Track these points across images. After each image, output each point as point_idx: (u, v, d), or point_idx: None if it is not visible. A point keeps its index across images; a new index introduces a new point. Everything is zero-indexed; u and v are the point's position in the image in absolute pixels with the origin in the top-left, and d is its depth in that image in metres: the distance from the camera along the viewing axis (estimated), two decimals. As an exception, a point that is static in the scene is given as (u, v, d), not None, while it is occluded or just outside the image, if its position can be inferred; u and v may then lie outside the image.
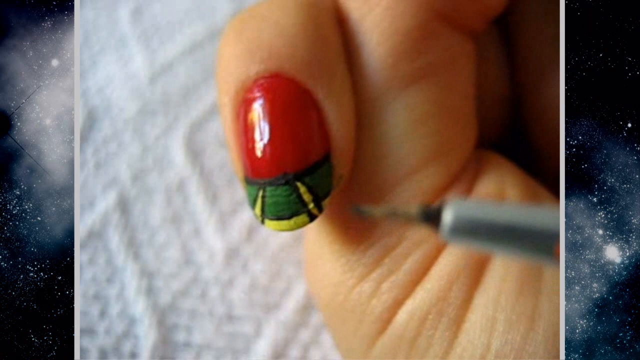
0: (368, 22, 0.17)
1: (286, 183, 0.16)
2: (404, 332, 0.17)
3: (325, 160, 0.16)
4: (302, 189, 0.16)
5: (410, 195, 0.17)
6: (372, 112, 0.17)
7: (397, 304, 0.17)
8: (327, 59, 0.17)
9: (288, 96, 0.16)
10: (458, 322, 0.16)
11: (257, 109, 0.16)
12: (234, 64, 0.16)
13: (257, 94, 0.16)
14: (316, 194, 0.16)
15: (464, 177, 0.18)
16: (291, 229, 0.16)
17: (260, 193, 0.16)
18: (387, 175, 0.17)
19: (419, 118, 0.17)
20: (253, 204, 0.16)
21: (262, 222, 0.17)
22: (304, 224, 0.16)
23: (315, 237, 0.19)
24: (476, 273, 0.17)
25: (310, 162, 0.16)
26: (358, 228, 0.18)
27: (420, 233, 0.17)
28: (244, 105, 0.16)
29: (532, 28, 0.20)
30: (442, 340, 0.16)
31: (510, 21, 0.20)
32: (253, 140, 0.16)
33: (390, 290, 0.17)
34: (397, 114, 0.17)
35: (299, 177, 0.16)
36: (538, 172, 0.19)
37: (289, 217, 0.16)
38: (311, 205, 0.16)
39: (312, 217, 0.16)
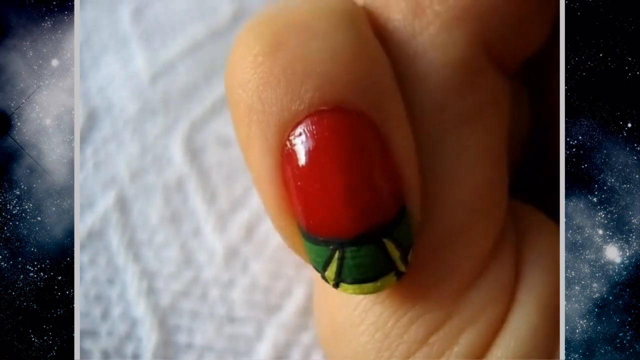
0: (414, 46, 0.15)
1: (373, 241, 0.13)
2: None
3: (404, 208, 0.14)
4: (390, 246, 0.14)
5: (461, 261, 0.15)
6: (418, 154, 0.15)
7: None
8: (388, 86, 0.14)
9: (357, 134, 0.13)
10: None
11: (319, 151, 0.13)
12: (271, 90, 0.13)
13: (315, 132, 0.13)
14: (403, 249, 0.14)
15: (507, 237, 0.16)
16: (375, 292, 0.14)
17: (337, 255, 0.13)
18: (435, 233, 0.15)
19: (467, 165, 0.15)
20: (323, 267, 0.14)
21: (336, 286, 0.14)
22: (390, 285, 0.14)
23: (343, 303, 0.16)
24: (548, 356, 0.15)
25: (394, 212, 0.14)
26: (399, 297, 0.15)
27: (473, 308, 0.15)
28: (294, 147, 0.13)
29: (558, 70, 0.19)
30: None
31: (541, 61, 0.19)
32: (318, 191, 0.13)
33: None
34: (445, 159, 0.15)
35: (387, 232, 0.13)
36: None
37: (374, 279, 0.14)
38: (399, 263, 0.14)
39: (399, 276, 0.14)
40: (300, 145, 0.13)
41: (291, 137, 0.13)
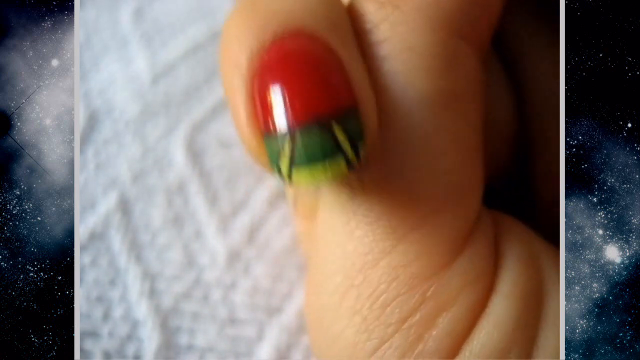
0: (377, 34, 0.16)
1: (320, 124, 0.14)
2: None
3: (356, 112, 0.15)
4: (337, 130, 0.14)
5: (432, 242, 0.15)
6: (386, 135, 0.16)
7: None
8: (346, 25, 0.16)
9: (313, 50, 0.15)
10: None
11: (280, 63, 0.15)
12: (245, 34, 0.15)
13: (278, 49, 0.15)
14: (352, 138, 0.15)
15: (482, 231, 0.16)
16: (326, 179, 0.14)
17: (288, 139, 0.14)
18: (406, 213, 0.15)
19: (438, 150, 0.16)
20: (277, 158, 0.15)
21: (290, 177, 0.15)
22: (340, 173, 0.14)
23: (323, 287, 0.16)
24: (527, 348, 0.15)
25: (343, 107, 0.14)
26: (373, 280, 0.15)
27: (448, 291, 0.15)
28: (261, 66, 0.15)
29: (533, 59, 0.19)
30: None
31: (513, 55, 0.19)
32: (277, 90, 0.15)
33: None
34: (415, 142, 0.16)
35: (335, 118, 0.14)
36: (535, 212, 0.19)
37: (323, 159, 0.14)
38: (348, 150, 0.14)
39: (350, 165, 0.14)
40: (266, 62, 0.15)
41: (260, 61, 0.15)
